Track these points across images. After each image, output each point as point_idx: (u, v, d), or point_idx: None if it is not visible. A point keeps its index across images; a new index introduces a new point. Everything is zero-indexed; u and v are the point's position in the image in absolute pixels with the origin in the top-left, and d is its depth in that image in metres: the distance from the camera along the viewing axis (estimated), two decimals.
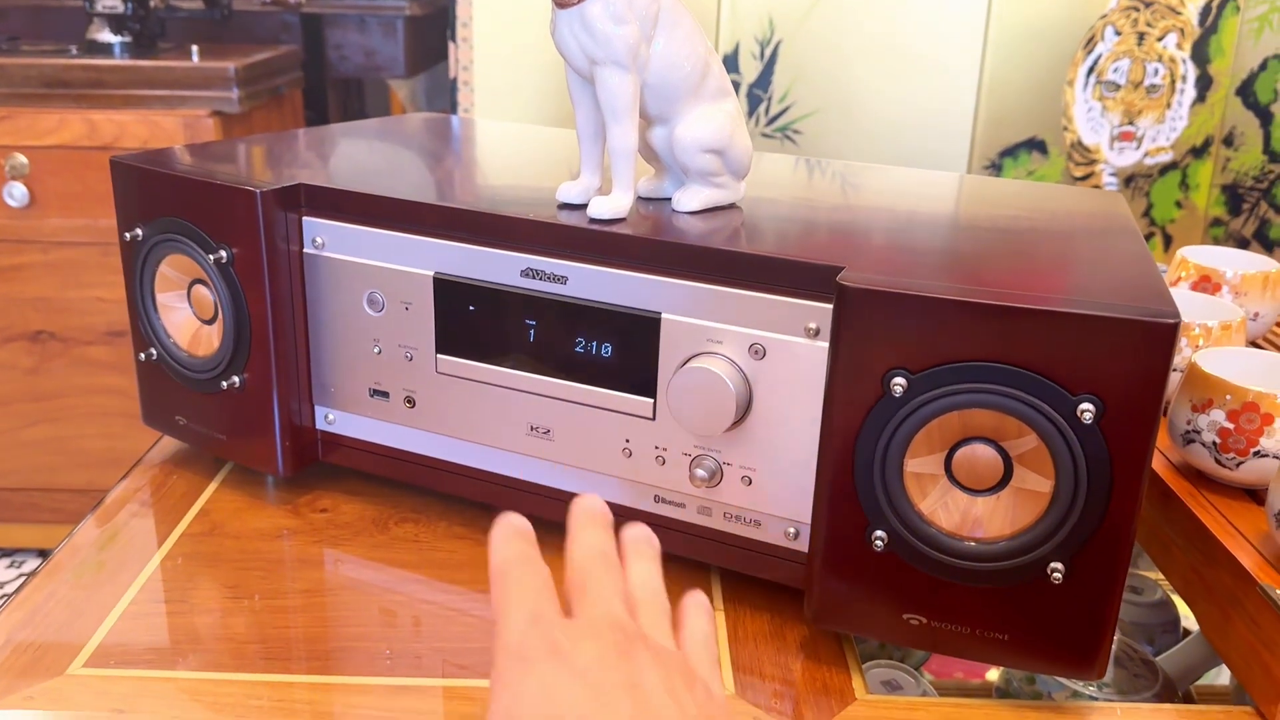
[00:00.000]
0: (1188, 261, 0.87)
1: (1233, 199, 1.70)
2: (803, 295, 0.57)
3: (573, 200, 0.66)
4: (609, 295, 0.62)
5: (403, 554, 0.70)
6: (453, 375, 0.68)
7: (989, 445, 0.53)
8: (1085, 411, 0.50)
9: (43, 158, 1.60)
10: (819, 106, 1.69)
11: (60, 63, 1.59)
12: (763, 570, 0.64)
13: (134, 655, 0.59)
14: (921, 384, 0.52)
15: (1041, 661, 0.55)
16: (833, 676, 0.60)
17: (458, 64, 1.69)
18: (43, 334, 1.70)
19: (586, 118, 0.65)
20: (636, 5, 0.61)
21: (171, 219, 0.71)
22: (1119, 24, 1.63)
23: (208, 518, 0.73)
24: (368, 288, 0.69)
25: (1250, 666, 0.56)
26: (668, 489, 0.64)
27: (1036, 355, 0.50)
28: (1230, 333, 0.74)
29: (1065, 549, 0.52)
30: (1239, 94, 1.66)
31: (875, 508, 0.55)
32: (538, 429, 0.67)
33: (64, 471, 1.78)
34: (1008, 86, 1.65)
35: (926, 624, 0.56)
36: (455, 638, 0.62)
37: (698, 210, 0.67)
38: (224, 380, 0.71)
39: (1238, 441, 0.63)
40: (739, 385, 0.59)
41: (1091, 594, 0.53)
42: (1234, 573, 0.58)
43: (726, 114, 0.66)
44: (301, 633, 0.63)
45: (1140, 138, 1.69)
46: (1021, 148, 1.69)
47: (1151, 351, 0.49)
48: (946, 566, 0.54)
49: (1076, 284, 0.59)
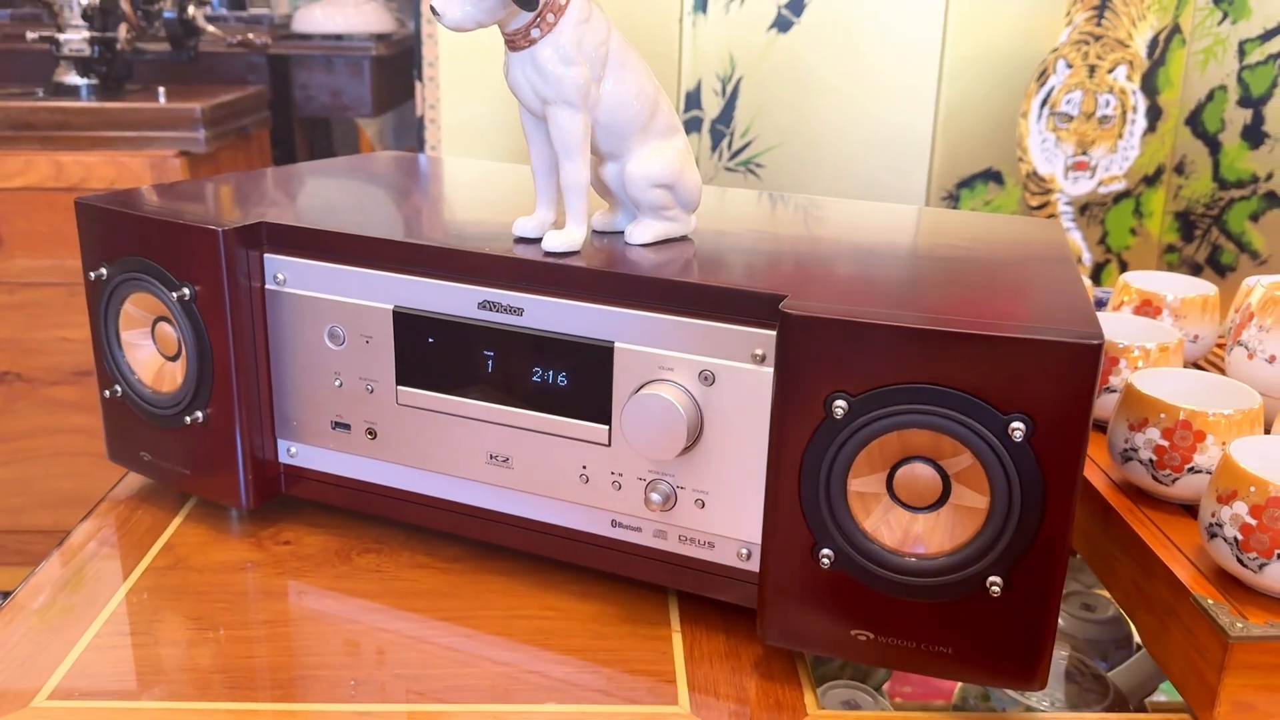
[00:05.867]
0: (1130, 286, 0.89)
1: (1185, 225, 1.74)
2: (749, 323, 0.59)
3: (528, 234, 0.68)
4: (564, 326, 0.64)
5: (365, 584, 0.71)
6: (413, 406, 0.70)
7: (928, 464, 0.55)
8: (1016, 430, 0.52)
9: (9, 199, 1.60)
10: (780, 141, 1.72)
11: (26, 105, 1.60)
12: (718, 591, 0.65)
13: (99, 688, 0.60)
14: (861, 406, 0.54)
15: (984, 673, 0.57)
16: (785, 694, 0.61)
17: (424, 102, 1.71)
18: (8, 374, 1.70)
19: (540, 155, 0.68)
20: (585, 47, 0.63)
21: (135, 258, 0.72)
22: (1070, 57, 1.68)
23: (172, 552, 0.74)
24: (329, 322, 0.71)
25: (1186, 674, 0.58)
26: (624, 513, 0.66)
27: (968, 377, 0.52)
28: (1168, 354, 0.77)
29: (1003, 563, 0.54)
30: (1188, 124, 1.70)
31: (821, 527, 0.57)
32: (497, 457, 0.69)
33: (30, 512, 1.77)
34: (963, 119, 1.69)
35: (874, 639, 0.58)
36: (417, 664, 0.63)
37: (650, 243, 0.69)
38: (187, 415, 0.72)
39: (1172, 459, 0.65)
40: (690, 411, 0.61)
41: (1030, 606, 0.54)
42: (1170, 585, 0.60)
43: (676, 150, 0.68)
44: (266, 662, 0.63)
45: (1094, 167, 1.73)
46: (978, 179, 1.72)
47: (1077, 371, 0.51)
48: (890, 583, 0.56)
49: (1007, 308, 0.62)
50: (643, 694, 0.61)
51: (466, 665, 0.63)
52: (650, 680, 0.62)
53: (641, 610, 0.69)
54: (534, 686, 0.61)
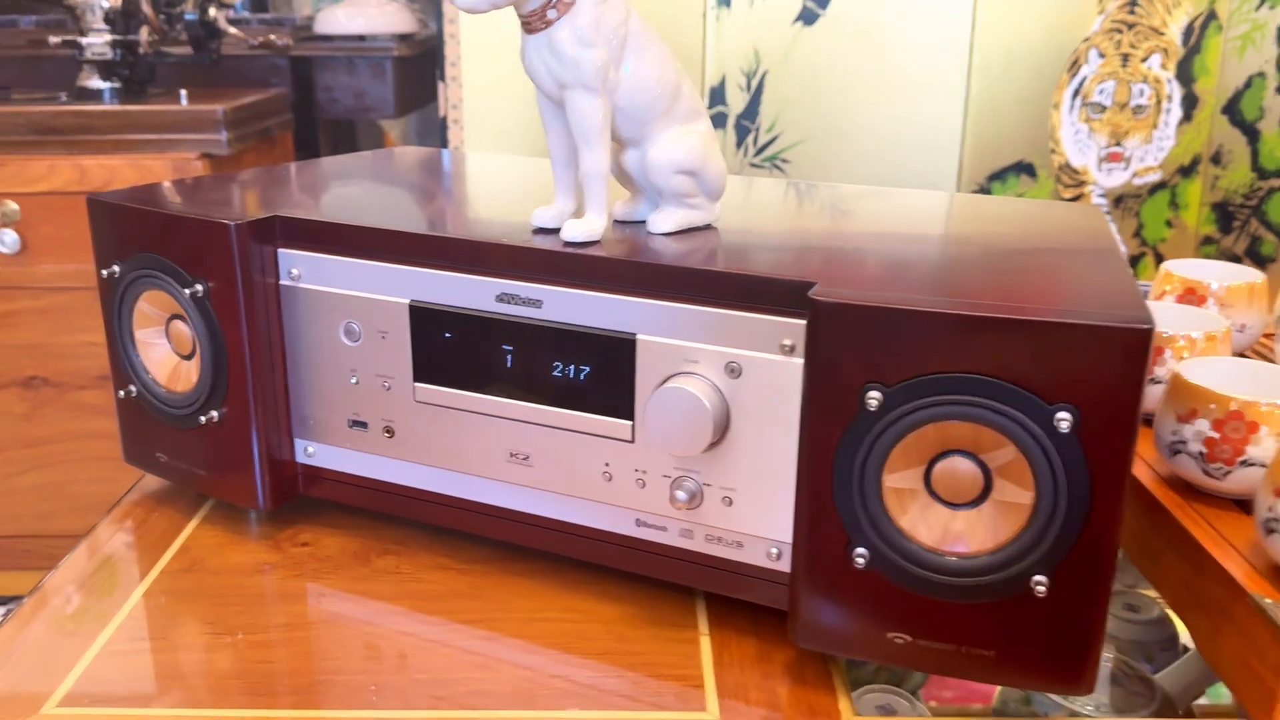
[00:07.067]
0: (1172, 275, 0.86)
1: (1223, 217, 1.70)
2: (777, 312, 0.57)
3: (547, 225, 0.66)
4: (585, 318, 0.62)
5: (385, 586, 0.70)
6: (431, 403, 0.68)
7: (968, 458, 0.52)
8: (1062, 421, 0.49)
9: (34, 204, 1.60)
10: (806, 135, 1.70)
11: (50, 109, 1.60)
12: (747, 592, 0.63)
13: (111, 694, 0.59)
14: (897, 397, 0.52)
15: (1029, 677, 0.54)
16: (819, 699, 0.59)
17: (447, 102, 1.70)
18: (35, 379, 1.70)
19: (558, 142, 0.66)
20: (604, 29, 0.61)
21: (148, 254, 0.71)
22: (1102, 46, 1.64)
23: (188, 554, 0.73)
24: (344, 318, 0.69)
25: (1242, 677, 0.55)
26: (649, 512, 0.64)
27: (1011, 366, 0.50)
28: (1215, 344, 0.74)
29: (1048, 561, 0.51)
30: (1225, 112, 1.66)
31: (856, 525, 0.54)
32: (517, 455, 0.66)
33: (59, 517, 1.77)
34: (994, 111, 1.65)
35: (912, 642, 0.55)
36: (439, 669, 0.61)
37: (673, 231, 0.67)
38: (202, 415, 0.71)
39: (1224, 451, 0.62)
40: (716, 404, 0.59)
41: (1077, 606, 0.52)
42: (1224, 583, 0.57)
43: (699, 135, 0.66)
44: (284, 667, 0.62)
45: (1128, 158, 1.70)
46: (1010, 171, 1.69)
47: (1126, 358, 0.48)
48: (929, 583, 0.54)
49: (1050, 294, 0.59)
50: (670, 699, 0.59)
51: (489, 670, 0.61)
52: (677, 685, 0.60)
53: (667, 612, 0.66)
54: (558, 691, 0.59)
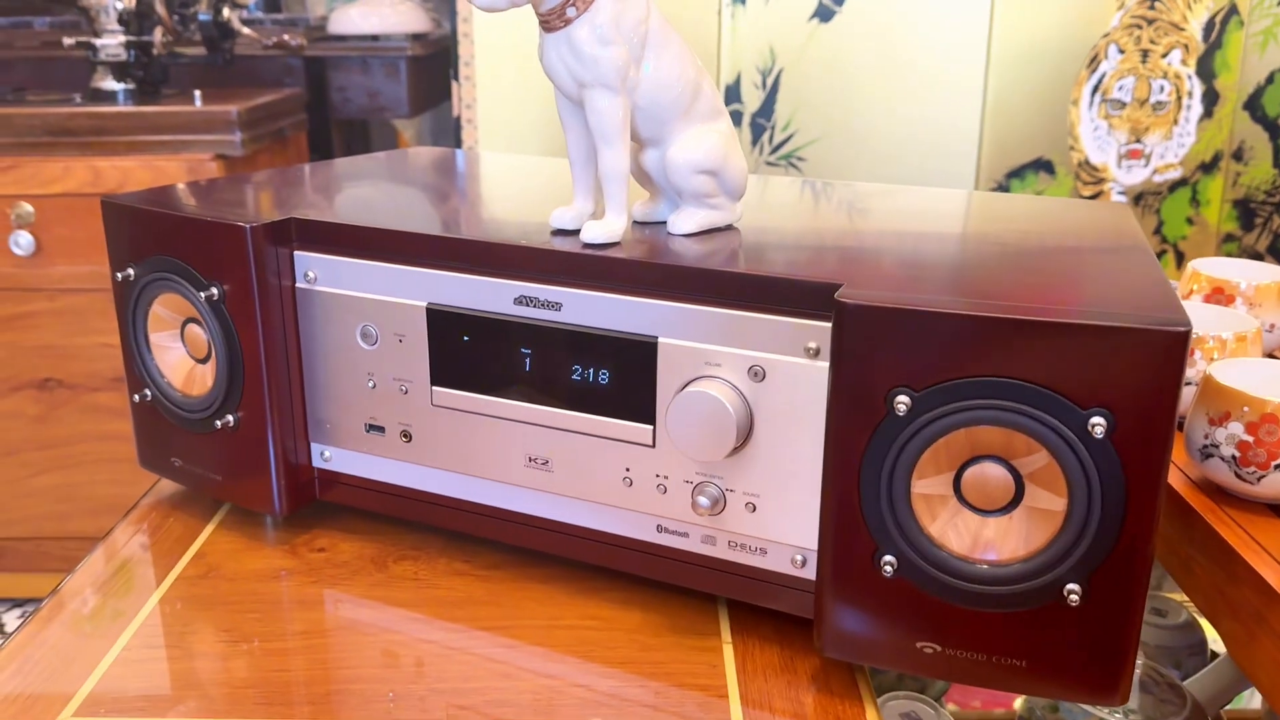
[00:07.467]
0: (1199, 274, 0.85)
1: (1245, 214, 1.68)
2: (802, 315, 0.56)
3: (566, 226, 0.65)
4: (605, 321, 0.61)
5: (402, 592, 0.69)
6: (448, 407, 0.67)
7: (999, 464, 0.51)
8: (1096, 426, 0.48)
9: (48, 206, 1.60)
10: (822, 134, 1.68)
11: (64, 111, 1.60)
12: (771, 600, 0.62)
13: (126, 703, 0.58)
14: (926, 402, 0.51)
15: (1061, 687, 0.53)
16: (845, 709, 0.58)
17: (461, 102, 1.69)
18: (50, 381, 1.70)
19: (577, 142, 0.65)
20: (624, 27, 0.60)
21: (162, 257, 0.70)
22: (1122, 42, 1.62)
23: (204, 560, 0.72)
24: (361, 321, 0.68)
25: (1277, 683, 0.54)
26: (670, 518, 0.63)
27: (1044, 369, 0.48)
28: (1246, 344, 0.72)
29: (1081, 569, 0.50)
30: (1246, 108, 1.64)
31: (883, 532, 0.53)
32: (536, 460, 0.65)
33: (74, 519, 1.77)
34: (1012, 108, 1.64)
35: (941, 652, 0.54)
36: (458, 677, 0.60)
37: (694, 232, 0.66)
38: (218, 419, 0.70)
39: (1258, 455, 0.61)
40: (739, 409, 0.57)
41: (1111, 615, 0.51)
42: (1258, 589, 0.56)
43: (720, 134, 0.65)
44: (301, 675, 0.61)
45: (1148, 155, 1.68)
46: (1028, 168, 1.67)
47: (1163, 361, 0.47)
48: (959, 591, 0.52)
49: (1083, 295, 0.58)
50: (693, 709, 0.58)
51: (508, 678, 0.60)
52: (700, 694, 0.59)
53: (690, 620, 0.65)
54: (579, 700, 0.58)
